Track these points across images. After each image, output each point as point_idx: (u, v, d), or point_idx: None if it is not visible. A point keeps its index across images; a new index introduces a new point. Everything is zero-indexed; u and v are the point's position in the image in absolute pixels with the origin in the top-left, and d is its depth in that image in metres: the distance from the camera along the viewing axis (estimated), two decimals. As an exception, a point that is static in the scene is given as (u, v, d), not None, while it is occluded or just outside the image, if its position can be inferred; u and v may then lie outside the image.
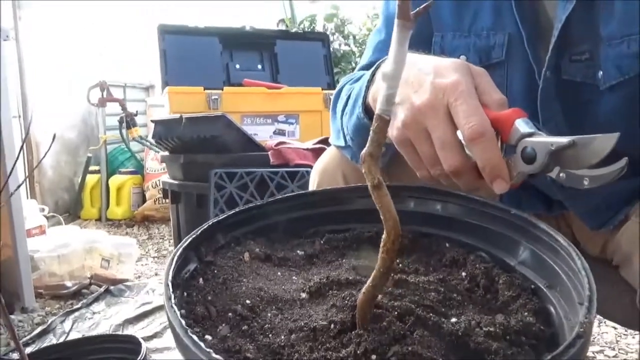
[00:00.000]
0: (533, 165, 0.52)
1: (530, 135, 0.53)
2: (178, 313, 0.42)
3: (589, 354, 1.45)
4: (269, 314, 0.49)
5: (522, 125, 0.53)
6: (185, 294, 0.51)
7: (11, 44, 2.92)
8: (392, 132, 0.60)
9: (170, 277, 0.48)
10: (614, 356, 1.45)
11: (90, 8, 3.57)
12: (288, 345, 0.44)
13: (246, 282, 0.54)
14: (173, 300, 0.44)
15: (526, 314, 0.48)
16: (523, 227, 0.56)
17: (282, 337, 0.45)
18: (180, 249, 0.53)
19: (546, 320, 0.48)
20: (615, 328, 1.57)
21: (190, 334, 0.39)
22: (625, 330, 1.54)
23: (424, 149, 0.58)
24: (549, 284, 0.51)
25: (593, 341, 1.52)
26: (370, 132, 0.43)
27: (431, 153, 0.57)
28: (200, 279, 0.54)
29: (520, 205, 0.81)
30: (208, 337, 0.45)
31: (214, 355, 0.37)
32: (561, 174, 0.52)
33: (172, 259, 0.51)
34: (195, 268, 0.55)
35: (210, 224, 0.60)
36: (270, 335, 0.46)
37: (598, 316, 1.17)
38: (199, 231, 0.57)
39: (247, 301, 0.50)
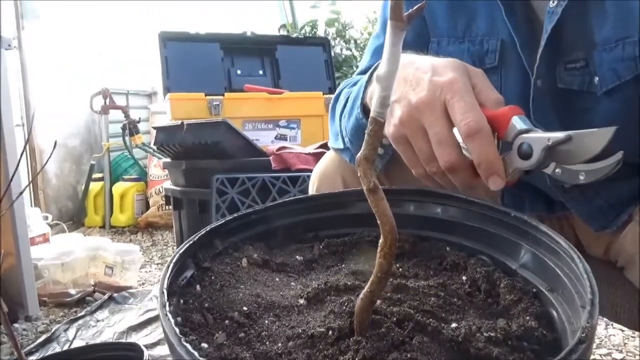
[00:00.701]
0: (529, 161, 0.52)
1: (526, 131, 0.53)
2: (172, 321, 0.42)
3: (597, 356, 1.43)
4: (266, 321, 0.49)
5: (518, 122, 0.54)
6: (181, 301, 0.50)
7: (14, 52, 2.93)
8: (389, 129, 0.60)
9: (166, 285, 0.48)
10: (621, 359, 1.43)
11: (90, 8, 3.57)
12: (285, 353, 0.43)
13: (243, 288, 0.54)
14: (168, 308, 0.44)
15: (528, 318, 0.47)
16: (524, 230, 0.55)
17: (279, 344, 0.45)
18: (177, 256, 0.53)
19: (548, 324, 0.48)
20: (622, 330, 1.55)
21: (184, 343, 0.38)
22: (633, 333, 1.52)
23: (420, 145, 0.58)
24: (550, 287, 0.51)
25: (600, 344, 1.50)
26: (365, 135, 0.43)
27: (427, 150, 0.57)
28: (197, 286, 0.53)
29: (523, 207, 0.80)
30: (204, 345, 0.44)
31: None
32: (557, 170, 0.52)
33: (169, 266, 0.51)
34: (192, 275, 0.55)
35: (207, 229, 0.59)
36: (267, 343, 0.45)
37: (605, 319, 1.16)
38: (196, 237, 0.57)
39: (244, 308, 0.50)
